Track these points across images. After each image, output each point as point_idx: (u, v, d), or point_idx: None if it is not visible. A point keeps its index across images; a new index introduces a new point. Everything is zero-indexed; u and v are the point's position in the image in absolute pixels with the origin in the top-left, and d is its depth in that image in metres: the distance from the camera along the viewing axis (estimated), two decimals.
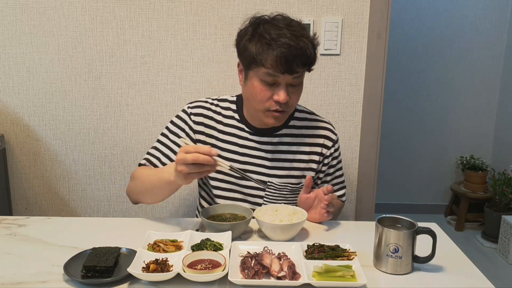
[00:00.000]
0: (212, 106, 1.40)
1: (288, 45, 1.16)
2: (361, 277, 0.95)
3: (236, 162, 1.36)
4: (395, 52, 3.27)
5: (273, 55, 1.17)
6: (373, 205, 2.02)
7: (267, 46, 1.18)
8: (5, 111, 1.92)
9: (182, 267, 0.96)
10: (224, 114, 1.39)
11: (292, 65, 1.18)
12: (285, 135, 1.38)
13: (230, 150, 1.37)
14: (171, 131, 1.39)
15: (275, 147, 1.37)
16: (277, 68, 1.18)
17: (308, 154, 1.39)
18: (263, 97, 1.23)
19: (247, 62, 1.24)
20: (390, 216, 1.07)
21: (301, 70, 1.21)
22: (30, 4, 1.82)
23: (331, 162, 1.43)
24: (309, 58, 1.21)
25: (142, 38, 1.86)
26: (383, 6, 1.83)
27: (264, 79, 1.21)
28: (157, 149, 1.39)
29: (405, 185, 3.58)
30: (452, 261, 1.09)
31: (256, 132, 1.36)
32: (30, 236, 1.19)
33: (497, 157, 3.41)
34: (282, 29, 1.19)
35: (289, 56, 1.16)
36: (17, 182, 1.99)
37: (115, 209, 2.03)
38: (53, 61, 1.87)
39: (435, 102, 3.43)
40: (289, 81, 1.21)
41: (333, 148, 1.41)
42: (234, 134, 1.37)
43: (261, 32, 1.20)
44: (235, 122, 1.38)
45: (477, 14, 3.28)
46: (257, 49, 1.19)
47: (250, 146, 1.36)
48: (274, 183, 1.37)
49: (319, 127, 1.41)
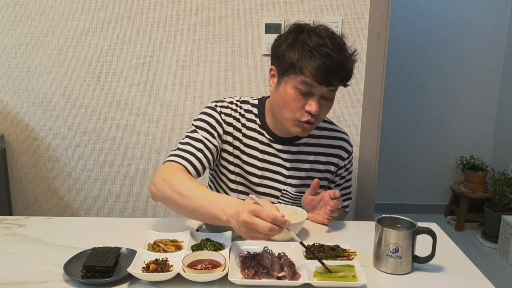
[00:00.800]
0: (238, 108, 1.35)
1: (330, 56, 1.13)
2: (361, 277, 0.95)
3: (254, 167, 1.34)
4: (395, 52, 3.27)
5: (315, 64, 1.13)
6: (373, 205, 2.02)
7: (309, 54, 1.14)
8: (5, 111, 1.92)
9: (182, 267, 0.96)
10: (247, 117, 1.35)
11: (331, 78, 1.15)
12: (304, 144, 1.35)
13: (251, 155, 1.34)
14: (201, 127, 1.29)
15: (293, 156, 1.35)
16: (316, 78, 1.14)
17: (324, 164, 1.37)
18: (295, 106, 1.19)
19: (285, 68, 1.19)
20: (390, 216, 1.07)
21: (338, 84, 1.18)
22: (30, 4, 1.82)
23: (343, 173, 1.42)
24: (347, 73, 1.18)
25: (142, 38, 1.86)
26: (383, 6, 1.83)
27: (299, 87, 1.17)
28: (190, 145, 1.25)
29: (405, 185, 3.58)
30: (452, 261, 1.09)
31: (276, 139, 1.33)
32: (30, 236, 1.19)
33: (497, 157, 3.41)
34: (324, 39, 1.16)
35: (330, 68, 1.13)
36: (17, 182, 1.99)
37: (115, 209, 2.03)
38: (53, 61, 1.87)
39: (435, 102, 3.43)
40: (324, 94, 1.18)
41: (347, 159, 1.41)
42: (256, 139, 1.34)
43: (304, 39, 1.17)
44: (256, 127, 1.34)
45: (477, 14, 3.28)
46: (298, 56, 1.15)
47: (270, 153, 1.34)
48: (289, 192, 1.36)
49: (337, 137, 1.39)
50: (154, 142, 1.96)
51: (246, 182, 1.36)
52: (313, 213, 1.30)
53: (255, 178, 1.35)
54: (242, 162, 1.35)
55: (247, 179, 1.36)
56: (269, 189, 1.36)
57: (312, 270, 0.98)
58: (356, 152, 1.96)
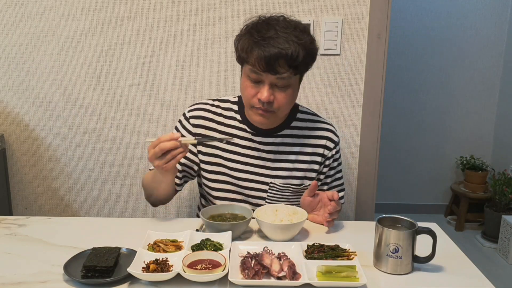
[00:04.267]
0: (213, 108, 1.40)
1: (272, 45, 1.16)
2: (362, 277, 0.95)
3: (238, 163, 1.36)
4: (395, 52, 3.27)
5: (256, 53, 1.18)
6: (373, 205, 2.02)
7: (252, 43, 1.19)
8: (5, 111, 1.92)
9: (182, 267, 0.96)
10: (225, 115, 1.39)
11: (274, 66, 1.17)
12: (287, 136, 1.37)
13: (232, 151, 1.37)
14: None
15: (277, 148, 1.36)
16: (259, 66, 1.18)
17: (310, 155, 1.39)
18: (248, 93, 1.25)
19: (239, 59, 1.27)
20: (390, 216, 1.07)
21: (285, 71, 1.19)
22: (30, 4, 1.82)
23: (332, 164, 1.42)
24: (295, 61, 1.18)
25: (142, 38, 1.86)
26: (383, 6, 1.83)
27: (250, 75, 1.23)
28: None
29: (405, 185, 3.58)
30: (452, 261, 1.09)
31: (258, 132, 1.36)
32: (30, 236, 1.19)
33: (497, 157, 3.41)
34: (272, 29, 1.19)
35: (272, 56, 1.16)
36: (17, 182, 1.99)
37: (115, 209, 2.03)
38: (53, 61, 1.87)
39: (435, 101, 3.43)
40: (273, 81, 1.21)
41: (334, 149, 1.41)
42: (235, 135, 1.37)
43: (252, 30, 1.22)
44: (236, 123, 1.38)
45: (477, 14, 3.28)
46: (244, 45, 1.22)
47: (252, 147, 1.36)
48: (276, 184, 1.37)
49: (322, 128, 1.41)
50: None
51: (231, 179, 1.38)
52: (313, 214, 1.30)
53: (239, 173, 1.37)
54: (224, 159, 1.37)
55: (232, 176, 1.37)
56: (256, 183, 1.37)
57: (312, 270, 0.98)
58: (356, 152, 1.97)
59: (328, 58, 1.88)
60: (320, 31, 1.84)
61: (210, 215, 1.24)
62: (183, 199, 2.00)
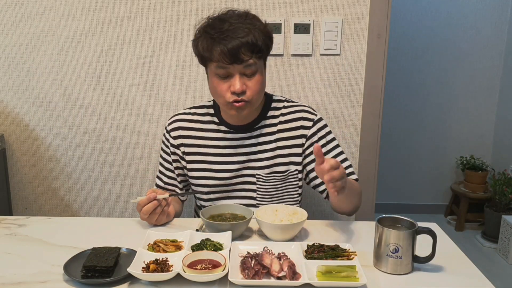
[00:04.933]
0: (189, 116, 1.43)
1: (230, 36, 1.19)
2: (362, 277, 0.95)
3: (222, 163, 1.38)
4: (395, 52, 3.27)
5: (218, 48, 1.19)
6: (373, 205, 2.02)
7: (212, 41, 1.21)
8: (5, 111, 1.92)
9: (182, 267, 0.96)
10: (202, 120, 1.41)
11: (239, 55, 1.19)
12: (264, 126, 1.38)
13: (214, 153, 1.38)
14: (162, 152, 1.47)
15: (256, 140, 1.38)
16: (224, 60, 1.20)
17: (289, 140, 1.38)
18: (221, 90, 1.25)
19: (200, 60, 1.28)
20: (390, 216, 1.07)
21: (249, 58, 1.21)
22: (30, 4, 1.82)
23: (319, 141, 1.37)
24: (256, 46, 1.21)
25: (142, 38, 1.86)
26: (383, 6, 1.83)
27: (217, 72, 1.24)
28: (161, 172, 1.49)
29: (405, 185, 3.58)
30: (452, 261, 1.09)
31: (237, 130, 1.37)
32: (30, 236, 1.19)
33: (497, 157, 3.41)
34: (226, 22, 1.21)
35: (233, 47, 1.18)
36: (17, 182, 1.99)
37: (115, 209, 2.03)
38: (53, 61, 1.87)
39: (435, 102, 3.43)
40: (242, 71, 1.23)
41: (315, 127, 1.38)
42: (215, 138, 1.39)
43: (207, 28, 1.23)
44: (214, 126, 1.40)
45: (477, 14, 3.28)
46: (203, 45, 1.23)
47: (233, 145, 1.38)
48: (262, 175, 1.38)
49: (295, 111, 1.40)
50: (154, 142, 1.95)
51: (220, 181, 1.39)
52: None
53: (226, 173, 1.38)
54: (208, 163, 1.39)
55: (218, 178, 1.39)
56: (244, 177, 1.38)
57: (312, 270, 0.98)
58: (356, 152, 1.96)
59: (328, 58, 1.88)
60: (320, 31, 1.84)
61: (210, 215, 1.24)
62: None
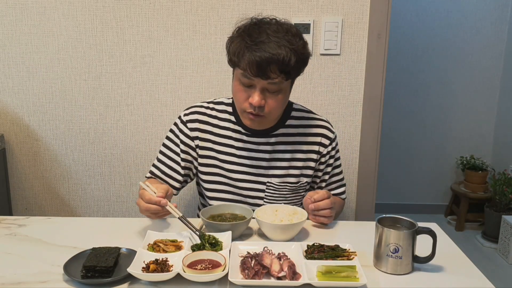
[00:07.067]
0: (208, 110, 1.40)
1: (264, 50, 1.15)
2: (362, 277, 0.95)
3: (234, 164, 1.37)
4: (395, 52, 3.27)
5: (247, 58, 1.17)
6: (373, 205, 2.02)
7: (245, 48, 1.18)
8: (5, 111, 1.92)
9: (182, 267, 0.96)
10: (220, 117, 1.39)
11: (266, 71, 1.16)
12: (282, 135, 1.37)
13: (228, 152, 1.37)
14: (169, 141, 1.42)
15: (272, 147, 1.37)
16: (250, 71, 1.17)
17: (305, 153, 1.39)
18: (240, 97, 1.25)
19: (229, 61, 1.26)
20: (390, 216, 1.07)
21: (277, 76, 1.19)
22: (30, 4, 1.82)
23: (328, 161, 1.42)
24: (287, 66, 1.17)
25: (142, 38, 1.86)
26: (383, 6, 1.83)
27: (241, 80, 1.23)
28: (160, 161, 1.42)
29: (405, 185, 3.58)
30: (452, 261, 1.09)
31: (253, 133, 1.36)
32: (30, 236, 1.19)
33: (497, 157, 3.41)
34: (264, 33, 1.17)
35: (263, 61, 1.15)
36: (17, 182, 1.99)
37: (115, 209, 2.03)
38: (53, 61, 1.87)
39: (435, 102, 3.43)
40: (265, 86, 1.21)
41: (330, 146, 1.41)
42: (231, 137, 1.37)
43: (243, 33, 1.20)
44: (231, 125, 1.38)
45: (477, 14, 3.28)
46: (235, 49, 1.20)
47: (248, 148, 1.36)
48: (273, 183, 1.37)
49: (316, 125, 1.41)
50: (154, 142, 1.95)
51: (227, 180, 1.38)
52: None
53: (235, 174, 1.37)
54: (220, 161, 1.38)
55: (228, 177, 1.38)
56: (253, 183, 1.37)
57: (312, 270, 0.98)
58: (356, 152, 1.96)
59: (328, 58, 1.88)
60: (320, 31, 1.84)
61: (210, 215, 1.24)
62: (183, 199, 2.00)
